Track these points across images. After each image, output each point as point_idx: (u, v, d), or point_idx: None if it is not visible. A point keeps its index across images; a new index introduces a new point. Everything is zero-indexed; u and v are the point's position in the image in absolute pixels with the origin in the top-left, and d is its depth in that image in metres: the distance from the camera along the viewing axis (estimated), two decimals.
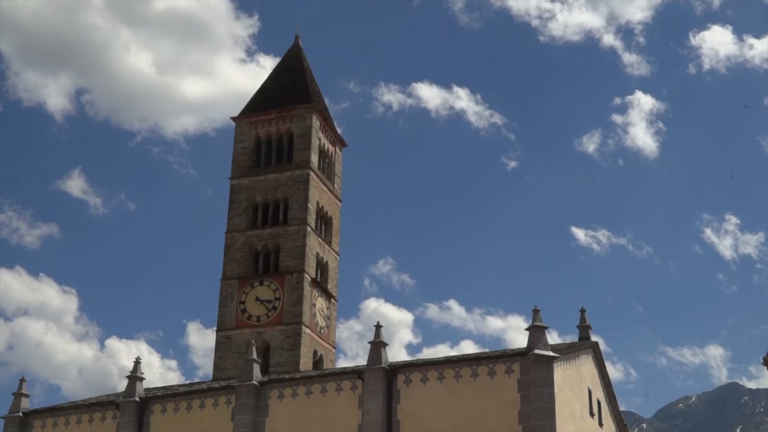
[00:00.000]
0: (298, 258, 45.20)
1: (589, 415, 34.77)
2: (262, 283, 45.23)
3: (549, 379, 30.27)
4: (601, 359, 37.82)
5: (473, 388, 31.28)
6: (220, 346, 44.63)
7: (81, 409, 37.56)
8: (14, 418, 37.83)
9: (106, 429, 36.19)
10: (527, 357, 30.73)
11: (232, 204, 47.64)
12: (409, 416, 31.66)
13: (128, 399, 35.92)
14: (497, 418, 30.42)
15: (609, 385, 38.57)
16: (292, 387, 34.04)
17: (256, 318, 44.58)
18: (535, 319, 31.56)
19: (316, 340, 45.25)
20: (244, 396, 33.97)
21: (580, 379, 34.47)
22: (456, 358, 33.71)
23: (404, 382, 32.27)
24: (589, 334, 36.80)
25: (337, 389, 33.18)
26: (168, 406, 35.75)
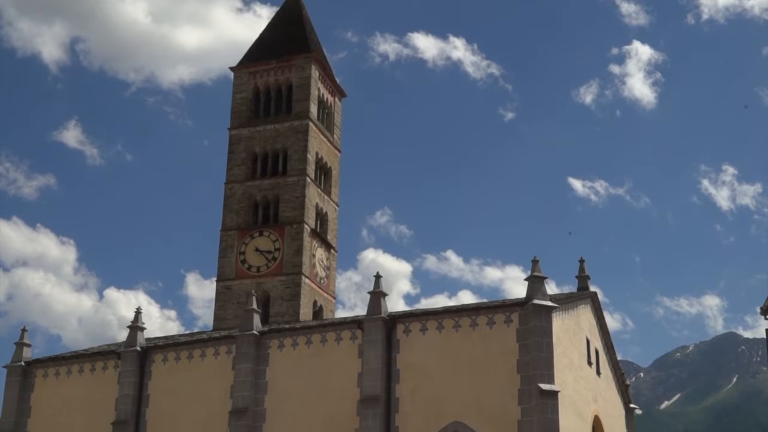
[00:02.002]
0: (298, 209, 45.22)
1: (587, 364, 35.04)
2: (261, 233, 45.29)
3: (548, 329, 30.44)
4: (599, 309, 38.02)
5: (472, 338, 31.47)
6: (221, 296, 44.81)
7: (83, 359, 37.83)
8: (16, 367, 38.11)
9: (107, 378, 36.48)
10: (526, 307, 30.88)
11: (231, 155, 47.52)
12: (408, 366, 31.90)
13: (129, 349, 36.15)
14: (496, 368, 30.65)
15: (607, 334, 38.82)
16: (292, 337, 34.25)
17: (256, 268, 44.70)
18: (534, 269, 31.67)
19: (316, 291, 45.42)
20: (244, 346, 34.19)
21: (579, 328, 34.68)
22: (455, 308, 33.87)
23: (404, 331, 32.46)
24: (588, 284, 36.97)
25: (337, 339, 33.38)
26: (169, 355, 35.99)
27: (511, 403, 30.02)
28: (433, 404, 30.96)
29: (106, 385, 36.32)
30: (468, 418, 30.45)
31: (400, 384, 31.77)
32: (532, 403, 29.54)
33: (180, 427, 34.33)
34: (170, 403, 34.95)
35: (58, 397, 37.10)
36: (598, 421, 35.30)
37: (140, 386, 35.69)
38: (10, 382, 37.96)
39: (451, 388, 30.94)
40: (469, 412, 30.48)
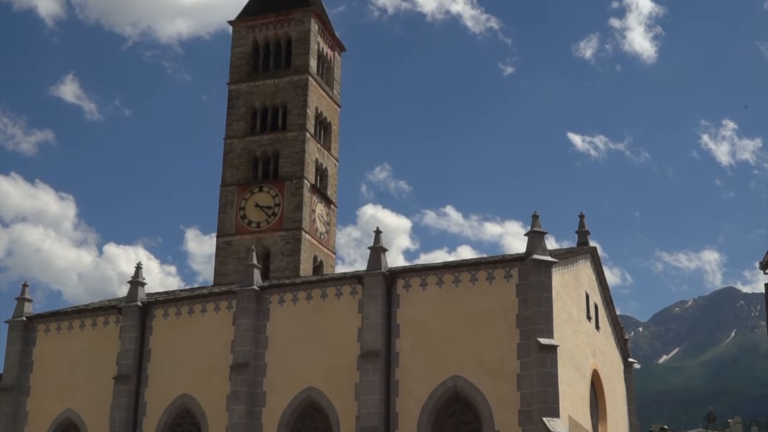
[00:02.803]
0: (298, 164, 45.14)
1: (586, 319, 35.19)
2: (261, 189, 45.26)
3: (547, 284, 30.52)
4: (599, 264, 38.10)
5: (472, 293, 31.56)
6: (221, 251, 44.88)
7: (84, 314, 37.99)
8: (18, 322, 38.26)
9: (109, 333, 36.66)
10: (526, 262, 30.93)
11: (231, 110, 47.34)
12: (408, 320, 32.03)
13: (130, 304, 36.28)
14: (495, 322, 30.78)
15: (606, 289, 38.94)
16: (292, 292, 34.35)
17: (256, 224, 44.72)
18: (534, 224, 31.67)
19: (316, 246, 45.49)
20: (245, 301, 34.31)
21: (578, 283, 34.77)
22: (455, 263, 33.93)
23: (404, 287, 32.54)
24: (587, 239, 37.01)
25: (337, 294, 33.47)
26: (170, 310, 36.13)
27: (510, 358, 30.19)
28: (433, 359, 31.13)
29: (107, 339, 36.51)
30: (467, 372, 30.63)
31: (400, 339, 31.92)
32: (531, 358, 29.71)
33: (181, 381, 34.56)
34: (171, 358, 35.16)
35: (60, 352, 37.31)
36: (596, 375, 35.53)
37: (141, 341, 35.88)
38: (12, 337, 38.14)
39: (451, 342, 31.10)
40: (469, 366, 30.67)
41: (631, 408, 41.06)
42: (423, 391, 30.92)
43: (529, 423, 29.18)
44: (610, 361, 38.47)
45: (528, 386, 29.54)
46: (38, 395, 37.09)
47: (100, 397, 35.35)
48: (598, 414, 35.90)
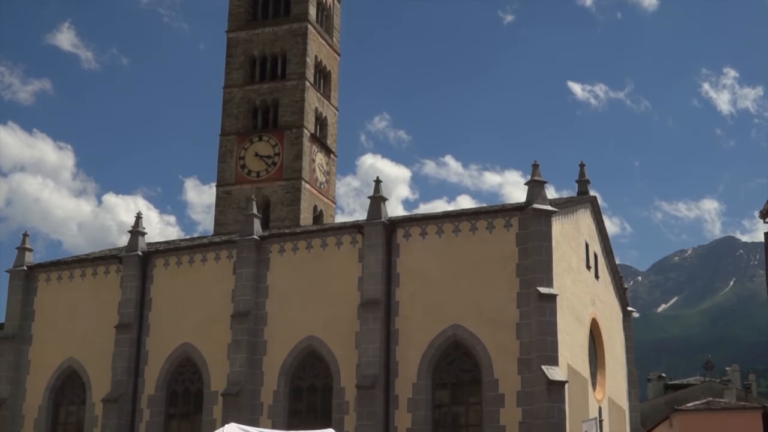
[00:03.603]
0: (297, 113, 44.88)
1: (585, 268, 35.27)
2: (261, 138, 45.05)
3: (547, 233, 30.53)
4: (598, 213, 38.09)
5: (472, 242, 31.59)
6: (221, 201, 44.79)
7: (85, 263, 38.08)
8: (19, 271, 38.36)
9: (110, 282, 36.78)
10: (526, 211, 30.91)
11: (230, 58, 46.93)
12: (408, 270, 32.10)
13: (131, 253, 36.34)
14: (495, 272, 30.85)
15: (606, 238, 38.98)
16: (292, 241, 34.38)
17: (256, 173, 44.59)
18: (534, 173, 31.59)
19: (316, 195, 45.42)
20: (245, 250, 34.35)
21: (578, 232, 34.79)
22: (455, 212, 33.93)
23: (404, 236, 32.56)
24: (587, 189, 36.95)
25: (338, 243, 33.50)
26: (170, 260, 36.21)
27: (510, 306, 30.31)
28: (433, 308, 31.25)
29: (108, 289, 36.64)
30: (467, 321, 30.77)
31: (400, 288, 32.02)
32: (531, 306, 29.82)
33: (182, 330, 34.75)
34: (172, 307, 35.32)
35: (61, 301, 37.47)
36: (595, 323, 35.70)
37: (142, 290, 36.01)
38: (13, 286, 38.26)
39: (451, 291, 31.20)
40: (469, 315, 30.80)
41: (629, 356, 41.34)
42: (423, 340, 31.09)
43: (528, 371, 29.38)
44: (609, 310, 38.64)
45: (527, 335, 29.69)
46: (40, 344, 37.32)
47: (101, 345, 35.57)
48: (597, 362, 36.14)
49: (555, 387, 28.67)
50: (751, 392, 60.94)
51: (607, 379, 36.58)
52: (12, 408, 36.68)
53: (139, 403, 34.85)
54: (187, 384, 34.72)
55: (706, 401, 53.50)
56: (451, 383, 31.09)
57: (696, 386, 61.89)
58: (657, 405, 59.96)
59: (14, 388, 36.87)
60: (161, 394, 34.76)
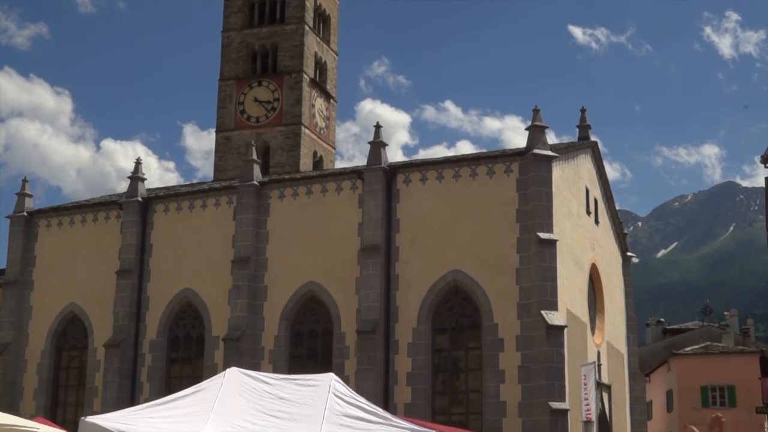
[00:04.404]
0: (296, 58, 44.48)
1: (585, 214, 35.27)
2: (260, 83, 44.73)
3: (547, 179, 30.47)
4: (599, 158, 37.98)
5: (472, 188, 31.54)
6: (220, 147, 44.62)
7: (85, 209, 38.08)
8: (19, 217, 38.37)
9: (110, 228, 36.81)
10: (526, 156, 30.81)
11: (228, 2, 46.36)
12: (408, 215, 32.10)
13: (131, 199, 36.32)
14: (495, 217, 30.84)
15: (606, 183, 38.92)
16: (292, 187, 34.34)
17: (255, 119, 44.35)
18: (535, 118, 31.43)
19: (316, 141, 45.25)
20: (245, 196, 34.32)
21: (578, 178, 34.73)
22: (455, 157, 33.80)
23: (404, 181, 32.50)
24: (588, 134, 36.80)
25: (338, 189, 33.46)
26: (170, 205, 36.19)
27: (509, 252, 30.35)
28: (433, 253, 31.31)
29: (108, 234, 36.68)
30: (467, 266, 30.84)
31: (400, 233, 32.05)
32: (531, 252, 29.87)
33: (183, 276, 34.86)
34: (173, 253, 35.39)
35: (62, 247, 37.54)
36: (595, 269, 35.80)
37: (143, 236, 36.06)
38: (14, 232, 38.30)
39: (451, 237, 31.23)
40: (469, 260, 30.86)
41: (628, 301, 41.53)
42: (423, 285, 31.20)
43: (527, 316, 29.52)
44: (608, 255, 38.73)
45: (527, 280, 29.78)
46: (42, 289, 37.47)
47: (103, 291, 35.72)
48: (596, 307, 36.31)
49: (554, 332, 28.83)
50: (749, 336, 61.38)
51: (606, 324, 36.79)
52: (15, 353, 36.97)
53: (141, 348, 35.10)
54: (189, 329, 34.94)
55: (704, 345, 53.95)
56: (451, 328, 31.27)
57: (694, 331, 62.31)
58: (655, 349, 60.45)
59: (17, 333, 37.12)
60: (163, 339, 34.99)
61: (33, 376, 36.77)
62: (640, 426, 40.43)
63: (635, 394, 40.41)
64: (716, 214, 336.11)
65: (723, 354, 51.84)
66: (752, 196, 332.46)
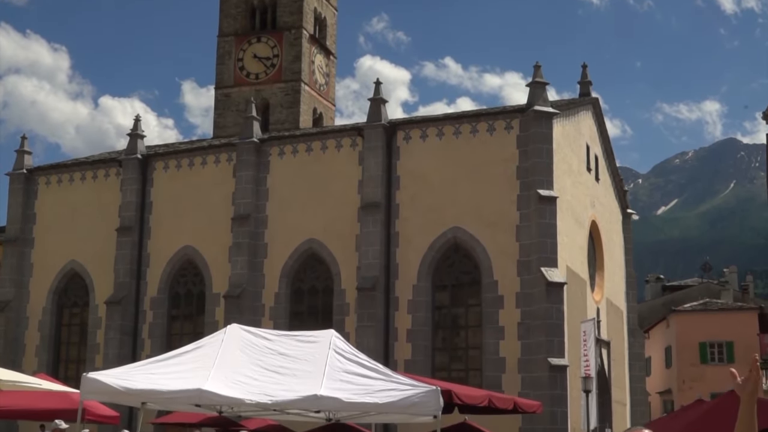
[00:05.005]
0: (296, 13, 44.13)
1: (586, 170, 35.21)
2: (259, 39, 44.41)
3: (548, 135, 30.38)
4: (600, 115, 37.83)
5: (472, 145, 31.45)
6: (219, 104, 44.43)
7: (84, 166, 38.02)
8: (19, 174, 38.32)
9: (109, 185, 36.77)
10: (527, 113, 30.68)
11: None
12: (408, 172, 32.05)
13: (130, 156, 36.24)
14: (495, 174, 30.79)
15: (607, 140, 38.81)
16: (292, 144, 34.25)
17: (255, 75, 44.11)
18: (536, 75, 31.26)
19: (316, 98, 45.04)
20: (244, 153, 34.24)
21: (579, 134, 34.61)
22: (455, 114, 33.70)
23: (404, 138, 32.41)
24: (589, 90, 36.59)
25: (337, 146, 33.37)
26: (170, 163, 36.12)
27: (510, 209, 30.35)
28: (433, 210, 31.30)
29: (108, 192, 36.66)
30: (467, 223, 30.85)
31: (400, 190, 32.02)
32: (531, 209, 29.86)
33: (183, 233, 34.89)
34: (173, 210, 35.38)
35: (62, 205, 37.52)
36: (595, 226, 35.81)
37: (143, 193, 36.03)
38: (14, 189, 38.26)
39: (451, 194, 31.20)
40: (469, 217, 30.86)
41: (628, 258, 41.61)
42: (423, 242, 31.23)
43: (527, 273, 29.59)
44: (608, 212, 38.73)
45: (527, 237, 29.81)
46: (42, 247, 37.52)
47: (103, 248, 35.77)
48: (596, 264, 36.38)
49: (554, 288, 28.92)
50: (748, 293, 61.53)
51: (605, 281, 36.88)
52: (16, 310, 37.11)
53: (142, 305, 35.23)
54: (189, 286, 35.04)
55: (703, 302, 54.13)
56: (451, 285, 31.36)
57: (693, 287, 62.50)
58: (654, 306, 60.66)
59: (18, 291, 37.23)
60: (163, 296, 35.11)
61: (35, 333, 36.95)
62: (639, 382, 40.70)
63: (634, 351, 40.63)
64: (717, 170, 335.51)
65: (722, 310, 52.02)
66: (753, 153, 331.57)
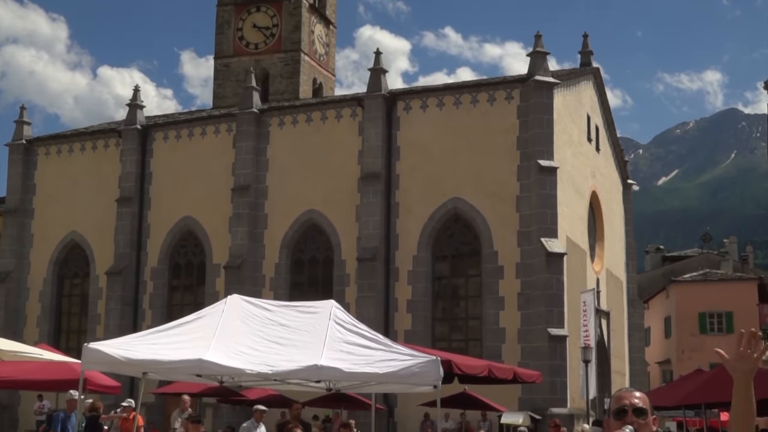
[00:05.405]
0: None
1: (586, 141, 35.13)
2: (258, 9, 44.10)
3: (548, 105, 30.29)
4: (601, 85, 37.69)
5: (472, 115, 31.37)
6: (219, 74, 44.20)
7: (84, 137, 37.94)
8: (18, 145, 38.24)
9: (109, 156, 36.71)
10: (527, 83, 30.57)
11: None
12: (408, 142, 31.98)
13: (130, 127, 36.15)
14: (496, 144, 30.73)
15: (608, 111, 38.69)
16: (292, 114, 34.17)
17: (254, 45, 43.86)
18: (537, 44, 31.11)
19: (315, 68, 44.83)
20: (244, 124, 34.15)
21: (580, 105, 34.50)
22: (456, 84, 33.59)
23: (404, 108, 32.31)
24: (591, 60, 36.42)
25: (337, 116, 33.27)
26: (170, 133, 36.05)
27: (510, 179, 30.32)
28: (433, 180, 31.27)
29: (108, 162, 36.61)
30: (467, 194, 30.83)
31: (400, 161, 31.97)
32: (531, 179, 29.83)
33: (183, 204, 34.87)
34: (173, 181, 35.35)
35: (62, 175, 37.47)
36: (595, 196, 35.78)
37: (142, 164, 35.99)
38: (13, 160, 38.21)
39: (451, 164, 31.15)
40: (469, 188, 30.84)
41: (628, 229, 41.60)
42: (423, 213, 31.23)
43: (527, 243, 29.60)
44: (609, 182, 38.68)
45: (527, 207, 29.80)
46: (42, 217, 37.52)
47: (103, 219, 35.78)
48: (596, 234, 36.39)
49: (554, 259, 28.95)
50: (747, 263, 61.61)
51: (605, 251, 36.90)
52: (17, 281, 37.18)
53: (143, 276, 35.28)
54: (190, 256, 35.09)
55: (702, 272, 54.20)
56: (451, 255, 31.40)
57: (693, 258, 62.56)
58: (654, 276, 60.75)
59: (18, 261, 37.28)
60: (164, 267, 35.16)
61: (35, 304, 37.04)
62: (638, 352, 40.83)
63: (633, 321, 40.74)
64: (717, 141, 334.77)
65: (721, 281, 52.09)
66: (754, 123, 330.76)
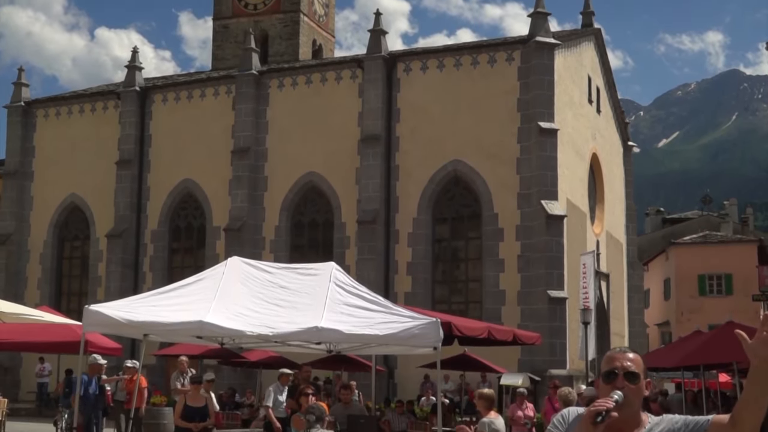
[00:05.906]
0: None
1: (587, 102, 35.00)
2: None
3: (549, 67, 30.13)
4: (602, 46, 37.47)
5: (473, 77, 31.22)
6: (218, 35, 43.92)
7: (83, 99, 37.80)
8: (17, 107, 38.11)
9: (108, 118, 36.60)
10: (528, 44, 30.39)
11: None
12: (408, 104, 31.86)
13: (129, 89, 35.99)
14: (496, 106, 30.62)
15: (609, 72, 38.50)
16: (291, 76, 34.01)
17: (253, 6, 43.53)
18: (538, 5, 30.89)
19: (315, 29, 44.53)
20: (244, 86, 34.01)
21: (581, 66, 34.32)
22: (456, 46, 33.40)
23: (404, 70, 32.15)
24: (592, 21, 36.17)
25: (337, 78, 33.12)
26: (169, 95, 35.90)
27: (510, 141, 30.25)
28: (433, 143, 31.19)
29: (107, 125, 36.51)
30: (467, 156, 30.77)
31: (400, 123, 31.88)
32: (532, 141, 29.75)
33: (183, 166, 34.83)
34: (172, 143, 35.27)
35: (61, 138, 37.39)
36: (596, 158, 35.72)
37: (142, 126, 35.90)
38: (12, 122, 38.10)
39: (451, 126, 31.06)
40: (469, 150, 30.77)
41: (628, 191, 41.58)
42: (423, 175, 31.19)
43: (527, 206, 29.60)
44: (609, 144, 38.59)
45: (527, 170, 29.75)
46: (42, 180, 37.50)
47: (103, 181, 35.76)
48: (596, 196, 36.37)
49: (554, 221, 28.95)
50: (747, 226, 61.61)
51: (605, 213, 36.91)
52: (18, 243, 37.24)
53: (143, 238, 35.33)
54: (190, 219, 35.10)
55: (702, 234, 54.25)
56: (451, 218, 31.41)
57: (693, 220, 62.58)
58: (654, 239, 60.81)
59: (18, 224, 37.31)
60: (164, 229, 35.18)
61: (36, 266, 37.12)
62: (638, 314, 40.98)
63: (633, 283, 40.85)
64: (719, 102, 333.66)
65: (721, 243, 52.16)
66: (756, 85, 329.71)
